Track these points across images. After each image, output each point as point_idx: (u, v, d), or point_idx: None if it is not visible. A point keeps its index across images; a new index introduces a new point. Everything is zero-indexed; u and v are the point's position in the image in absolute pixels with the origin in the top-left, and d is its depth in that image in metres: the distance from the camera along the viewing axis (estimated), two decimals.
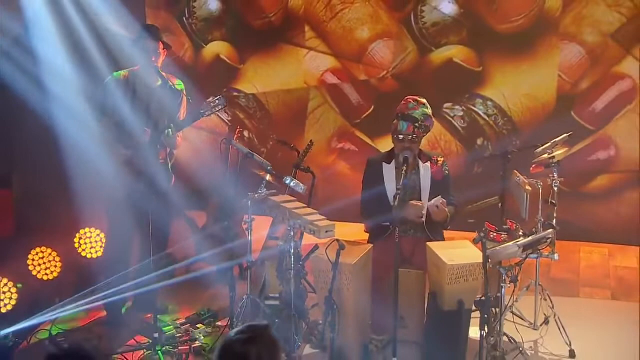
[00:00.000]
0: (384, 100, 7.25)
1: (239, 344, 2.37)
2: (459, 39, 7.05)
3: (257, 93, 7.68)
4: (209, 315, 5.24)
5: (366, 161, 5.02)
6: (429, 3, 7.05)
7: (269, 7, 7.48)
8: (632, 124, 6.66)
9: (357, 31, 7.29)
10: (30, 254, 5.46)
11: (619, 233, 6.60)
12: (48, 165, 5.60)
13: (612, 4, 6.60)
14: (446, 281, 4.22)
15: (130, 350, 4.80)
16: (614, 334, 5.02)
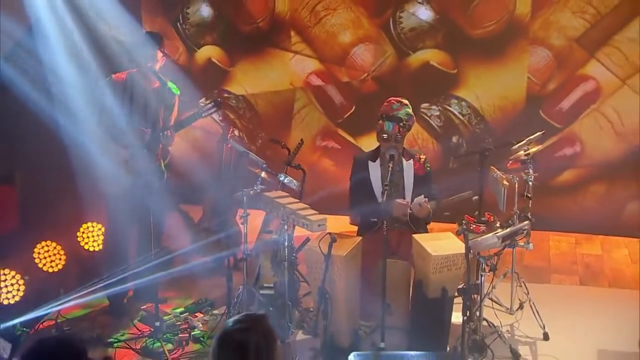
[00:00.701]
0: (365, 100, 7.28)
1: (237, 333, 2.36)
2: (434, 43, 7.07)
3: (246, 94, 7.66)
4: (207, 304, 5.24)
5: (352, 159, 5.03)
6: (407, 9, 7.06)
7: (257, 13, 7.47)
8: (595, 122, 6.73)
9: (340, 36, 7.30)
10: (36, 248, 5.44)
11: (584, 223, 6.69)
12: (50, 163, 5.57)
13: (577, 10, 6.66)
14: (431, 270, 4.26)
15: (133, 339, 4.80)
16: (584, 316, 5.11)
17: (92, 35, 5.61)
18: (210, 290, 5.45)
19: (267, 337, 2.39)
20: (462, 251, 4.23)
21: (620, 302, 5.38)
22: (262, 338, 2.37)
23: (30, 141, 5.51)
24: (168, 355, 4.58)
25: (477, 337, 4.56)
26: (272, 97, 7.61)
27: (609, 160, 6.72)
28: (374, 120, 7.09)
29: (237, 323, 2.41)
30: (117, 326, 5.03)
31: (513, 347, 4.60)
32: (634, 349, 4.58)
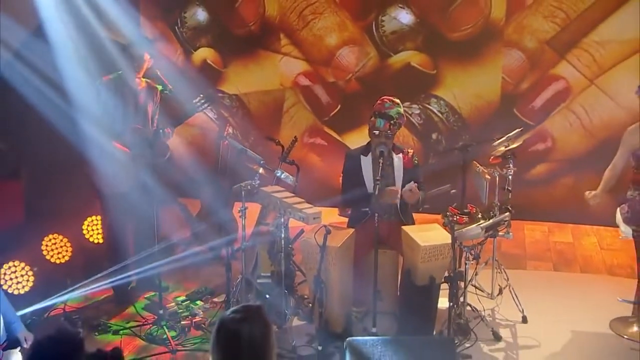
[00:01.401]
0: (349, 100, 7.32)
1: (232, 322, 2.36)
2: (415, 45, 7.11)
3: (239, 93, 7.67)
4: (207, 292, 5.24)
5: (345, 154, 5.02)
6: (389, 13, 7.10)
7: (249, 17, 7.48)
8: (566, 119, 6.83)
9: (326, 38, 7.32)
10: (44, 240, 5.42)
11: (556, 213, 6.79)
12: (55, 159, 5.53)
13: (548, 15, 6.74)
14: (420, 260, 4.29)
15: (138, 325, 4.79)
16: (558, 300, 5.17)
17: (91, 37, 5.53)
18: (209, 279, 5.45)
19: (261, 327, 2.39)
20: (449, 241, 4.28)
21: (591, 286, 5.47)
22: (256, 328, 2.37)
23: (35, 138, 5.48)
24: (172, 341, 4.56)
25: (462, 321, 4.61)
26: (263, 96, 7.62)
27: (578, 154, 6.82)
28: (358, 118, 7.22)
29: (233, 313, 2.41)
30: (122, 314, 5.01)
31: (494, 330, 4.65)
32: (605, 330, 4.69)
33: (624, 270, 5.75)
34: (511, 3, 6.81)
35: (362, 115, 7.19)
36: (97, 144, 4.89)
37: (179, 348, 4.52)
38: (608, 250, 6.21)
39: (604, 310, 4.86)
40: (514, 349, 4.51)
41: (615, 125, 6.57)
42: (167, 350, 4.50)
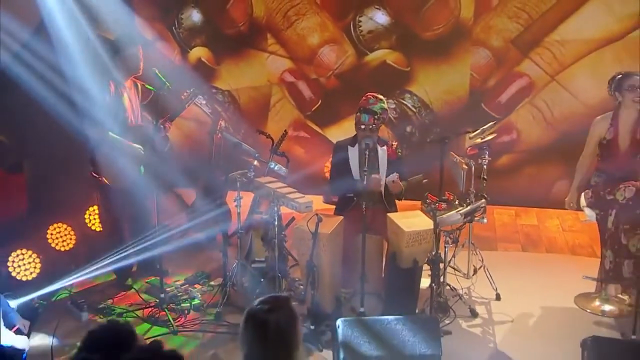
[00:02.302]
0: (329, 95, 7.28)
1: (260, 313, 2.35)
2: (389, 44, 7.09)
3: (231, 89, 7.60)
4: (204, 276, 5.19)
5: (334, 144, 4.99)
6: (365, 14, 7.07)
7: (239, 18, 7.41)
8: (529, 113, 6.87)
9: (309, 38, 7.27)
10: (49, 229, 5.33)
11: (521, 198, 6.84)
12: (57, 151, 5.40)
13: (512, 15, 6.76)
14: (404, 245, 4.30)
15: (141, 308, 4.73)
16: (527, 278, 5.23)
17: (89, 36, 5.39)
18: (206, 263, 5.40)
19: (287, 316, 2.38)
20: (431, 227, 4.29)
21: (556, 265, 5.54)
22: (282, 317, 2.35)
23: (37, 132, 5.34)
24: (173, 323, 4.51)
25: (441, 300, 4.64)
26: (251, 92, 7.56)
27: (541, 145, 6.89)
28: (337, 113, 7.21)
29: (261, 304, 2.39)
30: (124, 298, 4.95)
31: (471, 307, 4.70)
32: (570, 305, 4.77)
33: (585, 250, 5.85)
34: (479, 4, 6.82)
35: (341, 110, 7.22)
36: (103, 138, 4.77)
37: (180, 329, 4.48)
38: (570, 231, 6.30)
39: (569, 287, 4.93)
40: (490, 325, 4.57)
41: (575, 118, 6.67)
42: (169, 332, 4.45)
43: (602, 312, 4.63)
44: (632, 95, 4.46)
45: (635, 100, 4.45)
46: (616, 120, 4.60)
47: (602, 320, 4.56)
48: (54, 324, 4.50)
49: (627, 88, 4.49)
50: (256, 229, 4.82)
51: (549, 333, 4.45)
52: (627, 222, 4.42)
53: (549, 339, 4.36)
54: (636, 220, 4.34)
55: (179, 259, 5.42)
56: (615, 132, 4.59)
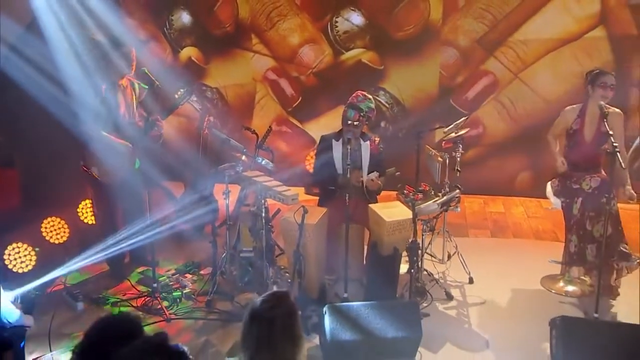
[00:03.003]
0: (309, 92, 7.19)
1: (266, 311, 2.28)
2: (364, 43, 7.03)
3: (219, 87, 7.47)
4: (194, 266, 5.08)
5: (320, 137, 4.90)
6: (341, 15, 7.00)
7: (225, 19, 7.28)
8: (494, 108, 6.88)
9: (290, 38, 7.17)
10: (43, 223, 5.17)
11: (489, 187, 6.85)
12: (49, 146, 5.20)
13: (478, 17, 6.75)
14: (385, 234, 4.26)
15: (135, 298, 4.61)
16: (497, 262, 5.24)
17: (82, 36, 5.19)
18: (195, 254, 5.28)
19: (290, 311, 2.32)
20: (410, 216, 4.27)
21: (522, 250, 5.58)
22: (286, 312, 2.29)
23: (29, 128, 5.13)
24: (166, 311, 4.40)
25: (419, 285, 4.62)
26: (238, 89, 7.45)
27: (505, 139, 6.92)
28: (316, 109, 7.15)
29: (264, 302, 2.31)
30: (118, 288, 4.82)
31: (447, 291, 4.69)
32: (537, 287, 4.79)
33: (548, 235, 5.89)
34: (447, 6, 6.79)
35: (320, 106, 7.15)
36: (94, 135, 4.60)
37: (173, 317, 4.38)
38: (534, 218, 6.34)
39: (535, 269, 4.96)
40: (464, 307, 4.57)
41: (536, 113, 6.72)
42: (162, 319, 4.35)
43: (566, 292, 4.67)
44: (603, 92, 4.46)
45: (603, 97, 4.45)
46: (583, 113, 4.61)
47: (566, 300, 4.59)
48: (50, 314, 4.35)
49: (599, 84, 4.48)
50: (244, 221, 4.71)
51: (518, 313, 4.47)
52: (593, 209, 4.44)
53: (519, 319, 4.37)
54: (600, 208, 4.36)
55: (169, 250, 5.30)
56: (582, 124, 4.61)
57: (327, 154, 4.73)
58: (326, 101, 7.04)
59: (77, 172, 4.83)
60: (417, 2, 6.83)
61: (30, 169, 5.35)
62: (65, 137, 4.81)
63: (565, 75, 6.55)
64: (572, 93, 6.41)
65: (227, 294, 4.60)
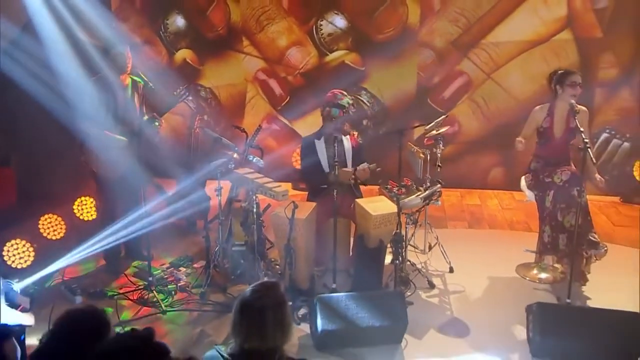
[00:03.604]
0: (296, 92, 7.11)
1: (256, 301, 2.21)
2: (347, 45, 6.98)
3: (212, 87, 7.37)
4: (187, 259, 4.98)
5: (301, 140, 4.84)
6: (326, 18, 6.94)
7: (218, 23, 7.21)
8: (469, 107, 6.89)
9: (278, 40, 7.10)
10: (40, 220, 5.02)
11: (464, 182, 6.86)
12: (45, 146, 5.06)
13: (452, 20, 6.74)
14: (372, 227, 4.21)
15: (131, 291, 4.50)
16: (475, 252, 5.23)
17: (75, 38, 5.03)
18: (188, 248, 5.18)
19: (280, 300, 2.25)
20: (395, 210, 4.22)
21: (498, 240, 5.58)
22: (276, 302, 2.23)
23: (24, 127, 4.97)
24: (162, 303, 4.30)
25: (403, 274, 4.58)
26: (230, 89, 7.36)
27: (479, 136, 6.91)
28: (302, 108, 7.07)
29: (254, 292, 2.24)
30: (114, 281, 4.70)
31: (429, 280, 4.66)
32: (512, 274, 4.79)
33: (521, 225, 5.90)
34: (424, 10, 6.77)
35: (307, 105, 7.07)
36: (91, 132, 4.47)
37: (168, 309, 4.28)
38: (507, 209, 6.35)
39: (510, 258, 4.94)
40: (446, 294, 4.54)
41: (508, 112, 6.74)
42: (158, 311, 4.24)
43: (539, 279, 4.67)
44: (572, 91, 4.43)
45: (573, 96, 4.43)
46: (552, 111, 4.59)
47: (539, 286, 4.59)
48: (49, 308, 4.21)
49: (568, 84, 4.44)
50: (236, 216, 4.63)
51: (495, 299, 4.46)
52: (563, 201, 4.44)
53: (497, 305, 4.36)
54: (571, 200, 4.37)
55: (163, 244, 5.18)
56: (551, 122, 4.60)
57: (311, 155, 4.66)
58: (312, 101, 6.98)
59: (72, 169, 4.70)
60: (396, 6, 6.78)
61: (26, 167, 5.19)
62: (61, 136, 4.68)
63: (535, 76, 6.55)
64: (542, 93, 6.36)
65: (220, 286, 4.52)
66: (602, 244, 4.45)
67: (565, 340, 3.62)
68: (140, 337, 1.92)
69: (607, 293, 4.36)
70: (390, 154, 4.62)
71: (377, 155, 5.07)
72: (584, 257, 4.44)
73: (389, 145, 5.01)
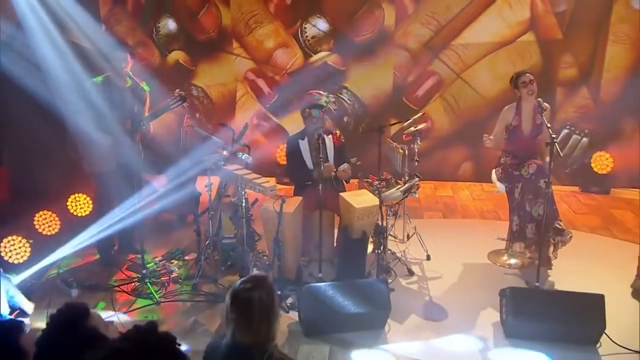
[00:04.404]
0: (283, 91, 6.97)
1: (244, 291, 2.13)
2: (329, 47, 6.86)
3: (204, 86, 7.18)
4: (179, 252, 4.81)
5: (286, 140, 4.72)
6: (310, 22, 6.82)
7: (209, 26, 7.04)
8: (440, 105, 6.82)
9: (265, 42, 6.95)
10: (35, 216, 4.81)
11: (438, 174, 6.78)
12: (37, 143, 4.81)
13: (425, 22, 6.66)
14: (355, 219, 4.11)
15: (125, 283, 4.34)
16: (450, 241, 5.18)
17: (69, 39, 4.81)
18: (179, 241, 5.02)
19: (268, 293, 2.16)
20: (377, 203, 4.14)
21: (471, 228, 5.53)
22: (264, 294, 2.14)
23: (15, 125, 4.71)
24: (155, 294, 4.16)
25: (384, 263, 4.51)
26: (221, 88, 7.18)
27: (450, 132, 6.86)
28: (289, 106, 6.94)
29: (243, 283, 2.16)
30: (109, 275, 4.52)
31: (409, 267, 4.60)
32: (484, 260, 4.76)
33: (491, 214, 5.87)
34: (398, 13, 6.67)
35: (293, 103, 6.93)
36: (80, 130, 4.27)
37: (162, 300, 4.14)
38: (478, 200, 6.32)
39: (482, 245, 4.91)
40: (424, 281, 4.48)
41: (476, 110, 6.71)
42: (152, 303, 4.10)
43: (509, 265, 4.64)
44: (526, 89, 4.45)
45: (529, 93, 4.44)
46: (519, 110, 4.57)
47: (509, 271, 4.57)
48: (46, 302, 4.04)
49: (521, 84, 4.48)
50: (225, 210, 4.49)
51: (470, 284, 4.42)
52: (531, 193, 4.42)
53: (471, 289, 4.33)
54: (538, 191, 4.35)
55: (155, 238, 5.01)
56: (519, 120, 4.57)
57: (296, 155, 4.54)
58: (298, 99, 6.86)
59: (65, 166, 4.50)
60: (373, 10, 6.67)
61: (18, 165, 4.95)
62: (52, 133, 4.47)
63: (501, 75, 6.52)
64: (508, 91, 6.22)
65: (211, 277, 4.38)
66: (567, 230, 4.43)
67: (536, 321, 3.61)
68: (145, 331, 1.81)
69: (570, 276, 4.36)
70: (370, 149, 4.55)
71: (358, 151, 4.99)
72: (551, 244, 4.43)
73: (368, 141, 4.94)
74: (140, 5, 7.10)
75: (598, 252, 4.87)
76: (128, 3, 7.10)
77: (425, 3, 6.59)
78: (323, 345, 3.59)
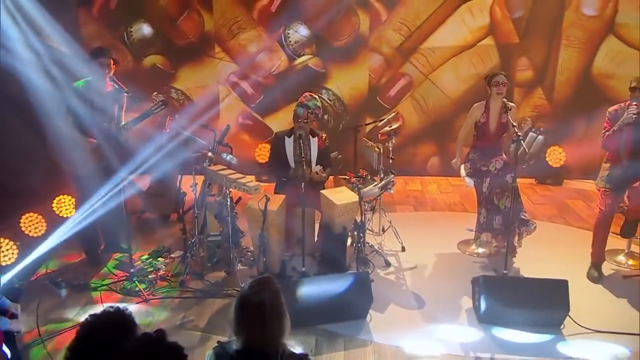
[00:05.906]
0: (268, 91, 6.61)
1: (254, 296, 1.89)
2: (311, 51, 6.54)
3: (186, 89, 6.71)
4: (165, 250, 4.44)
5: (273, 135, 4.41)
6: (292, 28, 6.46)
7: (189, 32, 6.55)
8: (410, 104, 6.56)
9: (249, 47, 6.53)
10: (21, 219, 4.40)
11: (407, 169, 6.49)
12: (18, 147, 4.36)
13: (396, 28, 6.40)
14: (336, 215, 3.85)
15: (114, 282, 3.97)
16: (421, 232, 4.95)
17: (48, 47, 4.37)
18: (164, 239, 4.64)
19: (275, 293, 1.94)
20: (356, 200, 3.87)
21: (440, 220, 5.30)
22: (272, 295, 1.91)
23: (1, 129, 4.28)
24: (143, 292, 3.82)
25: (362, 255, 4.25)
26: (204, 90, 6.72)
27: (419, 129, 6.63)
28: (274, 105, 6.61)
29: (251, 288, 1.92)
30: (96, 274, 4.13)
31: (385, 259, 4.35)
32: (454, 250, 4.57)
33: (458, 207, 5.65)
34: (372, 20, 6.38)
35: (277, 103, 6.62)
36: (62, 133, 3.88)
37: (151, 297, 3.80)
38: (445, 193, 6.10)
39: (452, 236, 4.70)
40: (401, 271, 4.24)
41: (442, 109, 6.50)
42: (141, 300, 3.76)
43: (477, 254, 4.46)
44: (497, 89, 4.27)
45: (498, 93, 4.27)
46: (488, 108, 4.37)
47: (477, 260, 4.38)
48: (35, 302, 3.67)
49: (493, 84, 4.29)
50: (210, 209, 4.16)
51: (442, 273, 4.21)
52: (498, 187, 4.23)
53: (444, 278, 4.11)
54: (504, 186, 4.17)
55: (140, 237, 4.65)
56: (487, 117, 4.37)
57: (280, 150, 4.23)
58: (282, 99, 6.55)
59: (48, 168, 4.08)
60: (349, 16, 6.39)
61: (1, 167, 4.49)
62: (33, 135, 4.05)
63: (464, 77, 6.35)
64: (470, 92, 6.26)
65: (198, 274, 4.05)
66: (532, 221, 4.29)
67: (507, 307, 3.45)
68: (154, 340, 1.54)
69: (533, 263, 4.20)
70: (347, 147, 4.31)
71: (337, 147, 4.72)
72: (516, 233, 4.26)
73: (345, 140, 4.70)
74: (107, 10, 6.55)
75: (556, 240, 4.72)
76: (94, 8, 6.52)
77: (397, 11, 6.36)
78: (308, 336, 3.33)
